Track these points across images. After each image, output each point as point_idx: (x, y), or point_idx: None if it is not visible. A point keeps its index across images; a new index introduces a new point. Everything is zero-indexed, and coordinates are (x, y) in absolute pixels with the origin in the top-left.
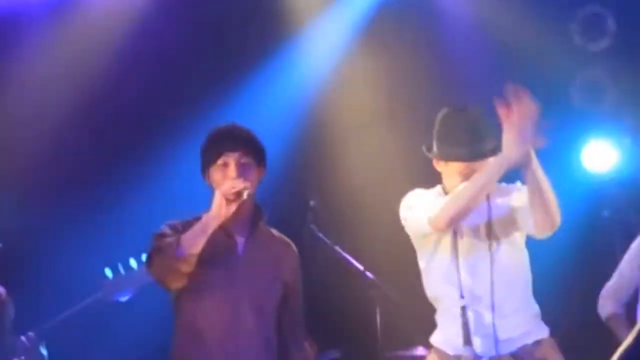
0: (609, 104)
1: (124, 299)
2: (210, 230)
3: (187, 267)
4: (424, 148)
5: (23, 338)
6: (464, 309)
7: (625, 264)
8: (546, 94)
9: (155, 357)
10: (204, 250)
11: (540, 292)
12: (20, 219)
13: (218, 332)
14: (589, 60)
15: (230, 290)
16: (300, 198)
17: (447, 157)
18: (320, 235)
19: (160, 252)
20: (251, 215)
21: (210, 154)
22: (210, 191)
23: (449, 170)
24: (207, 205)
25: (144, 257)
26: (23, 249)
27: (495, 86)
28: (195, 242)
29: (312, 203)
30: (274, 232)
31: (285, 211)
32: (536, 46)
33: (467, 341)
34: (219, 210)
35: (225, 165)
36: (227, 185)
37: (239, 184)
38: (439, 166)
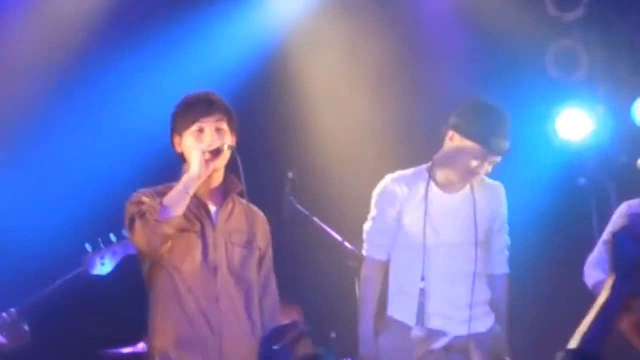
0: (583, 73)
1: (104, 273)
2: (191, 191)
3: (171, 230)
4: (450, 122)
5: (4, 314)
6: (422, 290)
7: (608, 231)
8: (521, 64)
9: (135, 331)
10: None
11: (516, 261)
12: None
13: (197, 297)
14: (563, 29)
15: (207, 256)
16: (277, 170)
17: (489, 147)
18: (299, 206)
19: (141, 218)
20: (224, 184)
21: (185, 120)
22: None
23: (464, 151)
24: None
25: (124, 232)
26: (2, 224)
27: (469, 54)
28: (178, 203)
29: (290, 175)
30: (244, 201)
31: (262, 183)
32: (510, 16)
33: (420, 321)
34: (199, 168)
35: (200, 130)
36: (203, 144)
37: (217, 141)
38: (454, 141)
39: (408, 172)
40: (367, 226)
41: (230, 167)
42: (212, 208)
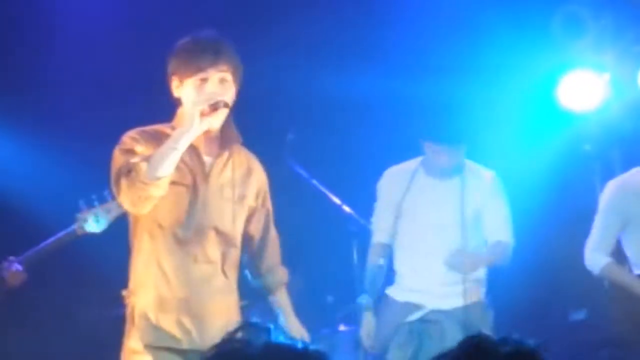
0: (589, 39)
1: (98, 231)
2: (182, 148)
3: (158, 191)
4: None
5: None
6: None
7: (607, 214)
8: (526, 28)
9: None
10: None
11: (520, 227)
12: None
13: (178, 256)
14: None
15: (194, 213)
16: (277, 130)
17: (439, 140)
18: (299, 168)
19: (127, 176)
20: (222, 134)
21: (188, 67)
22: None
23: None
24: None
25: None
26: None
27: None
28: (165, 162)
29: (290, 135)
30: (247, 153)
31: (261, 144)
32: None
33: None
34: (193, 124)
35: (203, 80)
36: (203, 97)
37: (216, 96)
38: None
39: (406, 165)
40: (374, 214)
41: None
42: (207, 159)
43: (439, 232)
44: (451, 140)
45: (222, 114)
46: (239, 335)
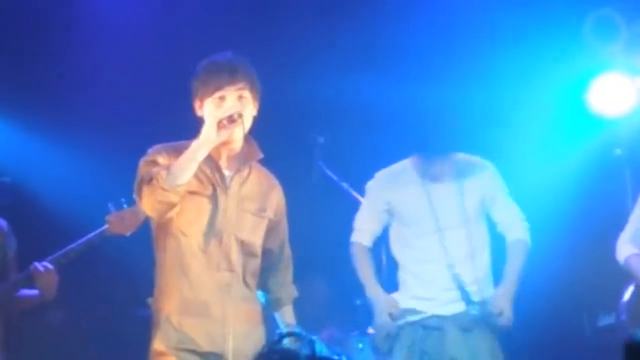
0: (621, 43)
1: (127, 233)
2: (199, 157)
3: (176, 198)
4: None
5: (37, 264)
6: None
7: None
8: (558, 32)
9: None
10: (191, 181)
11: (550, 232)
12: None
13: (201, 262)
14: None
15: (216, 221)
16: (307, 134)
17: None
18: (328, 172)
19: (149, 183)
20: (243, 150)
21: (207, 87)
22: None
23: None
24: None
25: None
26: (29, 183)
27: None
28: (184, 170)
29: (320, 139)
30: (264, 170)
31: (292, 148)
32: None
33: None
34: (209, 135)
35: (222, 98)
36: (220, 110)
37: (233, 109)
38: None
39: (396, 167)
40: (357, 213)
41: (253, 134)
42: (228, 173)
43: (441, 236)
44: (438, 152)
45: (239, 127)
46: (283, 344)
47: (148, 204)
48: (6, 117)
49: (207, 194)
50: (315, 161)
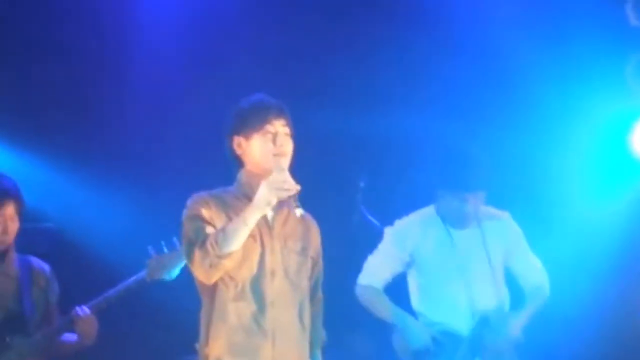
0: None
1: (167, 278)
2: (252, 224)
3: (230, 264)
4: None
5: (78, 309)
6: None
7: None
8: (600, 74)
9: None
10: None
11: (593, 280)
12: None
13: (251, 304)
14: None
15: (265, 262)
16: (349, 178)
17: (456, 187)
18: (370, 216)
19: (201, 248)
20: None
21: (256, 121)
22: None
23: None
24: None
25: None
26: (72, 228)
27: (546, 63)
28: (238, 237)
29: (361, 183)
30: (303, 211)
31: (333, 192)
32: (590, 25)
33: None
34: (265, 204)
35: (273, 134)
36: (280, 181)
37: (293, 186)
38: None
39: (418, 215)
40: (371, 257)
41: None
42: (269, 213)
43: (466, 284)
44: (472, 187)
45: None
46: None
47: (201, 270)
48: (49, 163)
49: (253, 236)
50: (356, 205)
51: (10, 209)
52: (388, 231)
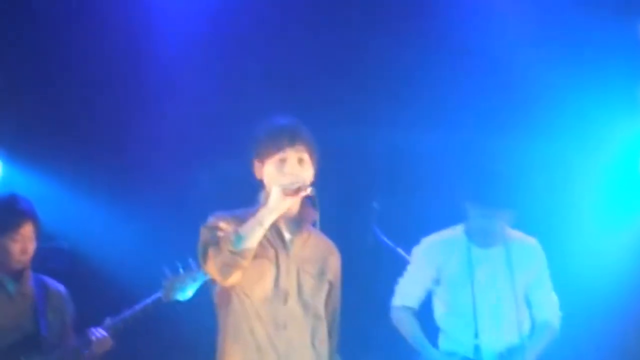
0: None
1: (183, 299)
2: (267, 224)
3: (243, 261)
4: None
5: (94, 330)
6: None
7: None
8: (614, 98)
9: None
10: None
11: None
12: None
13: (266, 324)
14: None
15: (279, 283)
16: (362, 199)
17: (483, 203)
18: (383, 237)
19: (217, 247)
20: (301, 213)
21: (268, 148)
22: (257, 184)
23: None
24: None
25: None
26: (87, 248)
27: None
28: (252, 235)
29: (375, 204)
30: (322, 235)
31: (347, 213)
32: (603, 46)
33: None
34: (278, 204)
35: (283, 160)
36: (288, 180)
37: (300, 181)
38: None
39: (446, 233)
40: (401, 278)
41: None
42: (287, 235)
43: (491, 305)
44: (501, 204)
45: (305, 193)
46: None
47: (214, 267)
48: (62, 182)
49: (269, 256)
50: (370, 226)
51: (28, 230)
52: (415, 250)
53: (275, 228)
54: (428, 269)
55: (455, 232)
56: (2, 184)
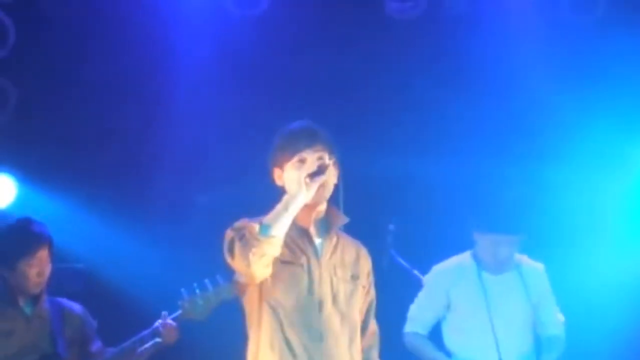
0: None
1: (201, 318)
2: (292, 210)
3: (273, 250)
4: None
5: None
6: None
7: None
8: (627, 120)
9: None
10: (284, 250)
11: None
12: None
13: (302, 334)
14: None
15: (313, 291)
16: (379, 221)
17: (495, 231)
18: (400, 259)
19: (242, 238)
20: (328, 216)
21: (286, 151)
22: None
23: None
24: None
25: (218, 277)
26: (102, 269)
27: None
28: (278, 220)
29: (391, 226)
30: (350, 237)
31: (363, 235)
32: (616, 70)
33: None
34: (299, 187)
35: (302, 161)
36: (303, 169)
37: (317, 167)
38: (477, 239)
39: (455, 261)
40: (412, 305)
41: (334, 201)
42: (317, 240)
43: (505, 330)
44: (505, 230)
45: (328, 175)
46: None
47: (241, 258)
48: (77, 204)
49: (300, 263)
50: (386, 249)
51: (44, 253)
52: (426, 278)
53: (305, 234)
54: (438, 295)
55: (463, 258)
56: (16, 205)
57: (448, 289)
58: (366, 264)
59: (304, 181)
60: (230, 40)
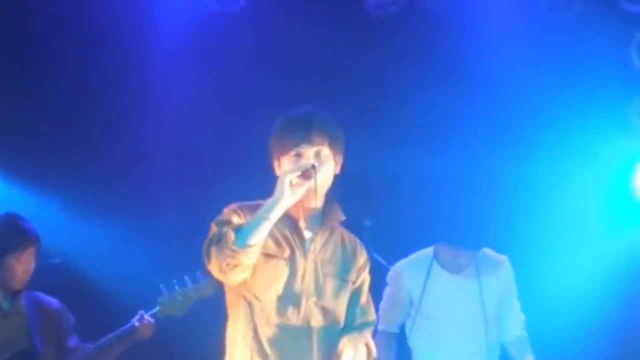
0: None
1: (179, 314)
2: (273, 216)
3: (246, 259)
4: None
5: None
6: None
7: None
8: (604, 116)
9: None
10: (268, 243)
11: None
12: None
13: (278, 330)
14: None
15: (294, 286)
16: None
17: (457, 244)
18: (377, 256)
19: (217, 244)
20: (323, 210)
21: (282, 145)
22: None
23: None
24: None
25: (198, 274)
26: (80, 263)
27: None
28: (256, 230)
29: (367, 222)
30: (349, 234)
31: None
32: (594, 67)
33: None
34: (282, 193)
35: (299, 156)
36: (293, 166)
37: (304, 166)
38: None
39: (417, 256)
40: (382, 302)
41: (336, 196)
42: (307, 234)
43: (461, 331)
44: (471, 246)
45: (319, 178)
46: None
47: (216, 266)
48: (53, 198)
49: (284, 257)
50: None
51: (32, 251)
52: (389, 275)
53: (294, 225)
54: (400, 292)
55: (425, 255)
56: None
57: (407, 285)
58: (361, 262)
59: (288, 185)
60: (210, 36)
